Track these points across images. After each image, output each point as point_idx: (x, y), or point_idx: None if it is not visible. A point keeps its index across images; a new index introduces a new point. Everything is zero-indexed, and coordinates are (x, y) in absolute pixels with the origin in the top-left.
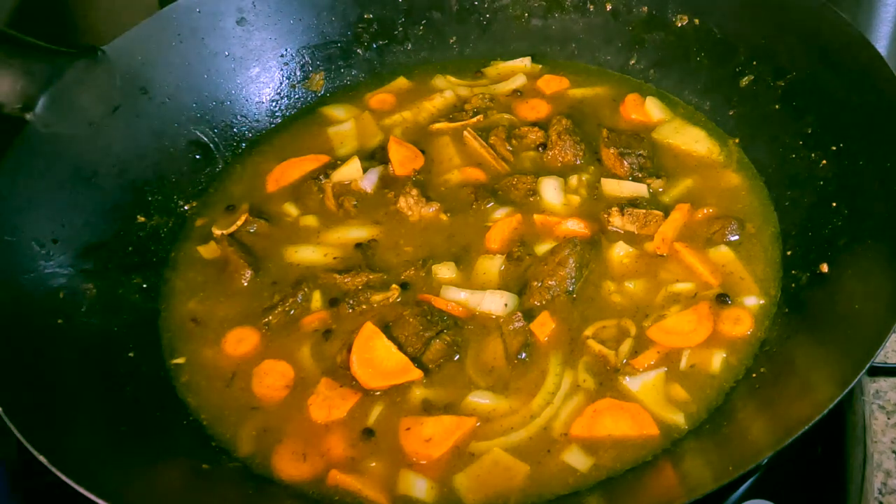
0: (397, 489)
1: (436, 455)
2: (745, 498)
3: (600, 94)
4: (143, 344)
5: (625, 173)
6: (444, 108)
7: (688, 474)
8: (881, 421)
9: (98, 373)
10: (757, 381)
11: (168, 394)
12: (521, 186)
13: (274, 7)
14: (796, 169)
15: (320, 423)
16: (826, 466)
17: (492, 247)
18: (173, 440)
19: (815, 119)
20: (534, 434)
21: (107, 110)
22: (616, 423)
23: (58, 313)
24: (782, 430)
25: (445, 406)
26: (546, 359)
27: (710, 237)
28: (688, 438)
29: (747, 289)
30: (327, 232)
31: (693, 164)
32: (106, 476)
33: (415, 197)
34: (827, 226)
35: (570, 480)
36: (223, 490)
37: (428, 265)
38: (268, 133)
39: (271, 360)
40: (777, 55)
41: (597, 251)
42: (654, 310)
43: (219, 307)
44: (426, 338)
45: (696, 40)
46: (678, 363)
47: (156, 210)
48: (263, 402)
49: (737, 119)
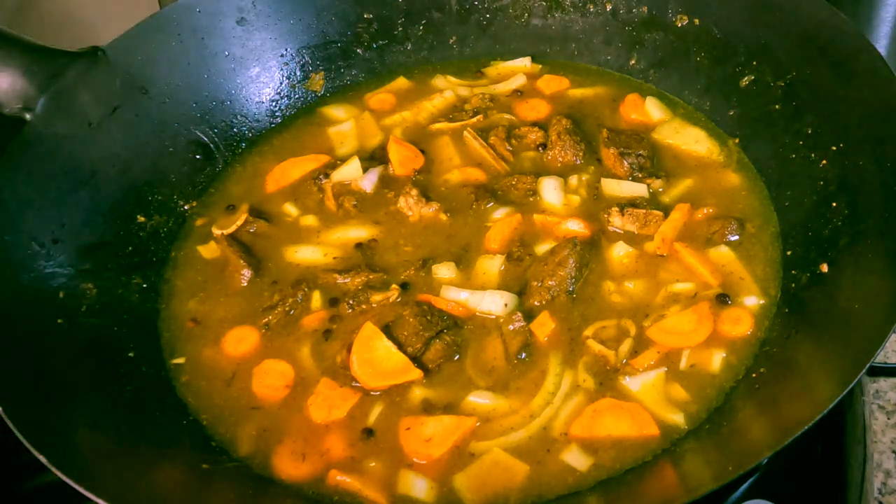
0: (397, 489)
1: (436, 455)
2: (745, 498)
3: (600, 94)
4: (143, 344)
5: (625, 173)
6: (444, 108)
7: (688, 474)
8: (881, 421)
9: (98, 373)
10: (757, 381)
11: (168, 393)
12: (521, 186)
13: (274, 7)
14: (796, 169)
15: (320, 423)
16: (826, 466)
17: (492, 247)
18: (173, 440)
19: (815, 119)
20: (534, 434)
21: (107, 110)
22: (616, 423)
23: (58, 313)
24: (782, 430)
25: (445, 406)
26: (546, 359)
27: (710, 237)
28: (688, 438)
29: (747, 289)
30: (327, 232)
31: (693, 164)
32: (106, 476)
33: (415, 197)
34: (827, 226)
35: (570, 480)
36: (223, 490)
37: (428, 265)
38: (268, 133)
39: (271, 360)
40: (777, 55)
41: (597, 251)
42: (654, 310)
43: (219, 307)
44: (426, 338)
45: (696, 40)
46: (678, 363)
47: (156, 210)
48: (264, 402)
49: (737, 119)
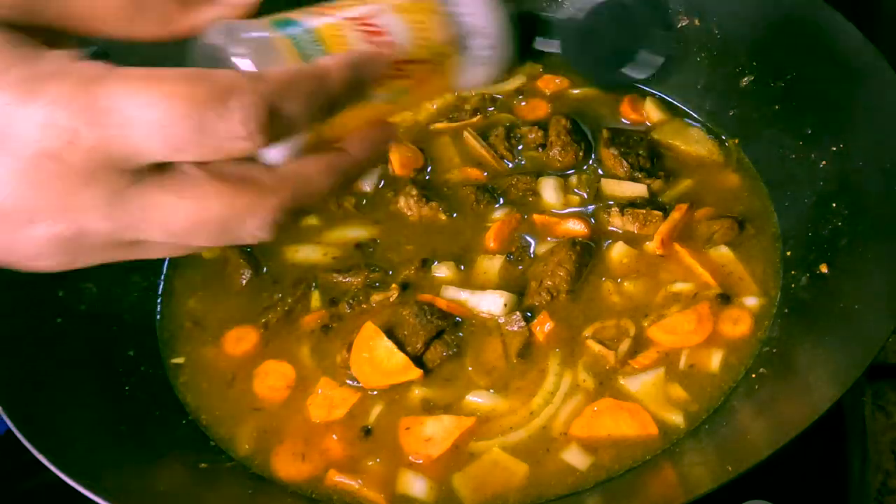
0: (396, 488)
1: (435, 455)
2: (745, 498)
3: (600, 94)
4: (142, 343)
5: (625, 173)
6: (444, 107)
7: (687, 474)
8: (881, 421)
9: (97, 372)
10: (757, 381)
11: (167, 393)
12: (520, 186)
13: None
14: (796, 169)
15: (320, 423)
16: (826, 466)
17: (492, 247)
18: (173, 439)
19: (815, 119)
20: (533, 433)
21: None
22: (615, 423)
23: (57, 312)
24: (782, 430)
25: (445, 406)
26: (546, 358)
27: (710, 237)
28: (687, 438)
29: (747, 289)
30: (327, 231)
31: (693, 164)
32: (105, 475)
33: (415, 197)
34: (827, 226)
35: (570, 480)
36: (222, 489)
37: (428, 265)
38: None
39: (273, 361)
40: (777, 55)
41: (597, 251)
42: (653, 310)
43: (218, 307)
44: (426, 338)
45: (696, 40)
46: (678, 363)
47: None
48: (265, 402)
49: (737, 119)
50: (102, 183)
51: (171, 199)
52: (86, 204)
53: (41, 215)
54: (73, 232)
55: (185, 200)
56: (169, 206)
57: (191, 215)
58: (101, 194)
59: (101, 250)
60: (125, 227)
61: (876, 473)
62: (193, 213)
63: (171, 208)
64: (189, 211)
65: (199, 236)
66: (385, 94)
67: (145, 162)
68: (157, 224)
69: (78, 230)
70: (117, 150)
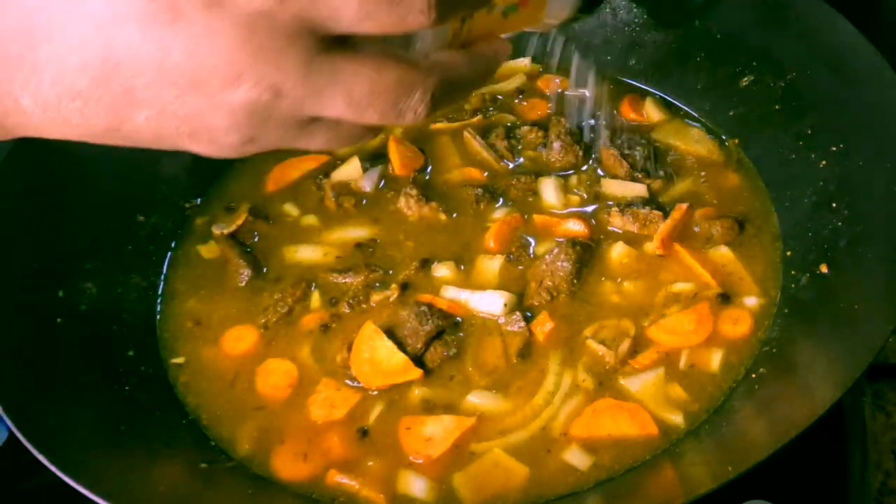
0: (396, 488)
1: (435, 455)
2: (745, 498)
3: (600, 94)
4: (142, 343)
5: (625, 173)
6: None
7: (687, 474)
8: (881, 421)
9: (97, 372)
10: (757, 381)
11: (167, 393)
12: (520, 186)
13: None
14: (796, 169)
15: (320, 423)
16: (826, 466)
17: (491, 247)
18: (173, 439)
19: (815, 119)
20: (533, 434)
21: None
22: (615, 423)
23: (57, 312)
24: (782, 430)
25: (445, 406)
26: (546, 359)
27: (710, 237)
28: (687, 438)
29: (747, 289)
30: (327, 231)
31: (693, 164)
32: (105, 475)
33: (415, 197)
34: (827, 226)
35: (570, 480)
36: (222, 489)
37: (428, 265)
38: None
39: (275, 360)
40: (777, 55)
41: (597, 251)
42: (653, 310)
43: (218, 306)
44: (426, 338)
45: (695, 40)
46: (678, 363)
47: (155, 209)
48: (267, 402)
49: (737, 119)
50: (302, 46)
51: (355, 66)
52: (287, 65)
53: (246, 75)
54: (270, 96)
55: (366, 68)
56: (352, 74)
57: (371, 83)
58: (300, 57)
59: (283, 127)
60: (314, 94)
61: (876, 473)
62: (373, 81)
63: (354, 76)
64: (370, 78)
65: (374, 106)
66: (501, 6)
67: (338, 30)
68: (342, 91)
69: (274, 94)
70: (318, 13)
